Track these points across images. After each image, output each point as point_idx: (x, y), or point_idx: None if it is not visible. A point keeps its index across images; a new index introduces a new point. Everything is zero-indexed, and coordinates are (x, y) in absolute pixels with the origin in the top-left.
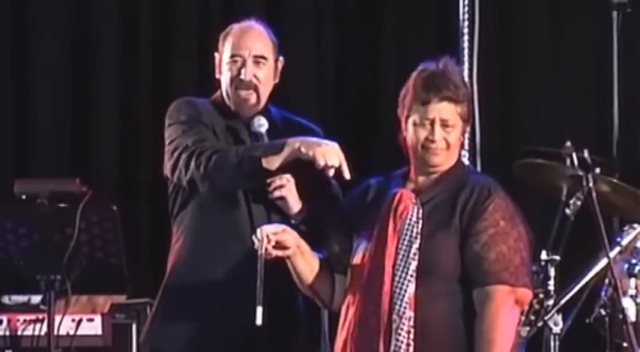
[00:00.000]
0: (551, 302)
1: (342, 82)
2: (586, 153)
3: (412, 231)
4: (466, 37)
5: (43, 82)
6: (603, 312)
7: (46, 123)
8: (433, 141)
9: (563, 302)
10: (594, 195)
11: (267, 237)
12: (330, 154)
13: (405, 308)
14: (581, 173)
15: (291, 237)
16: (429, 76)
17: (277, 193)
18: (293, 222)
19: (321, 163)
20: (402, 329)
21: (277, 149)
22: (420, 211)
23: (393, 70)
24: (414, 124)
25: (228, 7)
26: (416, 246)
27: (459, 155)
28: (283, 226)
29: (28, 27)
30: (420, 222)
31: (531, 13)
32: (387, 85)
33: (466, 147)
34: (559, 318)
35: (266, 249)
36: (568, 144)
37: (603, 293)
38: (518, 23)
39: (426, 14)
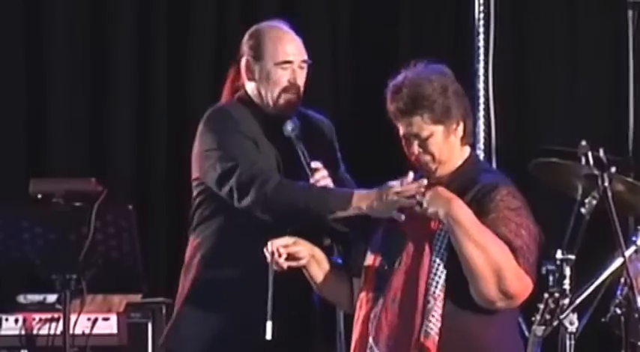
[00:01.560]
0: (566, 301)
1: (358, 83)
2: (601, 152)
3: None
4: (482, 36)
5: (59, 82)
6: (619, 311)
7: (61, 122)
8: (413, 154)
9: (578, 301)
10: (610, 194)
11: (277, 250)
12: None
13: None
14: (596, 172)
15: (303, 248)
16: (389, 94)
17: (323, 183)
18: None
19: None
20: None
21: (344, 204)
22: None
23: None
24: None
25: (243, 10)
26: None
27: (470, 150)
28: (294, 238)
29: (43, 26)
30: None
31: (546, 12)
32: None
33: (481, 146)
34: (574, 317)
35: (277, 262)
36: (583, 143)
37: (619, 293)
38: (533, 22)
39: (442, 13)
